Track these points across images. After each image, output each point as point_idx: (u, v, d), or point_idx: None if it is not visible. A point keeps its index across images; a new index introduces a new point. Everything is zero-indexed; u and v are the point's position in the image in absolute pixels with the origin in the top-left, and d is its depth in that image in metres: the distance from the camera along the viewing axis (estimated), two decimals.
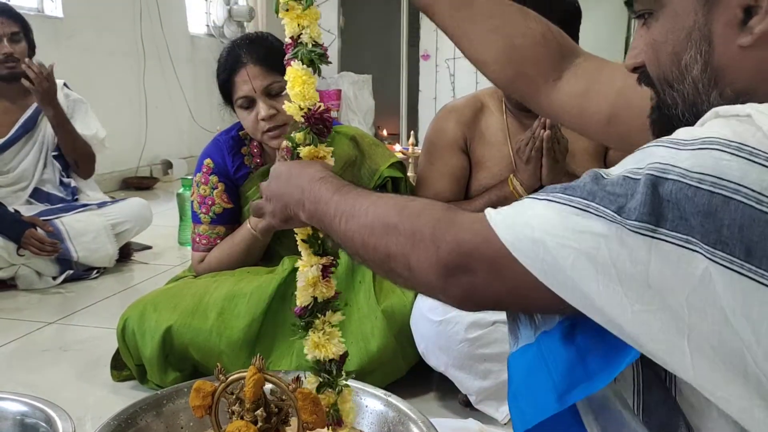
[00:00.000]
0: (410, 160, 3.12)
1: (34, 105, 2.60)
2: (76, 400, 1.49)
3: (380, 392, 1.12)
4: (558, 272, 0.53)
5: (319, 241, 0.93)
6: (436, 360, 1.40)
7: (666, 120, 0.66)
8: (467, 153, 1.72)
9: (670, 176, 0.50)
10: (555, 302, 0.55)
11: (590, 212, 0.53)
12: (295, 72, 0.93)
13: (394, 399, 1.09)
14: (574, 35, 1.59)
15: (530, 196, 0.59)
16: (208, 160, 1.70)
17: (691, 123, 0.61)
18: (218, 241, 1.67)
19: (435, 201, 0.67)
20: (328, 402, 0.97)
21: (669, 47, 0.63)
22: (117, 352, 1.56)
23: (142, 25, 4.84)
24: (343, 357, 0.99)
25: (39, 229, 2.30)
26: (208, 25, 6.00)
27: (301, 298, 0.95)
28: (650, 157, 0.53)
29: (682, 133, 0.54)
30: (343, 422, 0.97)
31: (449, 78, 7.18)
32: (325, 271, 0.95)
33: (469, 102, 1.75)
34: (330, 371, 0.97)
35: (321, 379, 0.97)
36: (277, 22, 0.98)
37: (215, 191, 1.67)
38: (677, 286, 0.49)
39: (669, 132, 0.62)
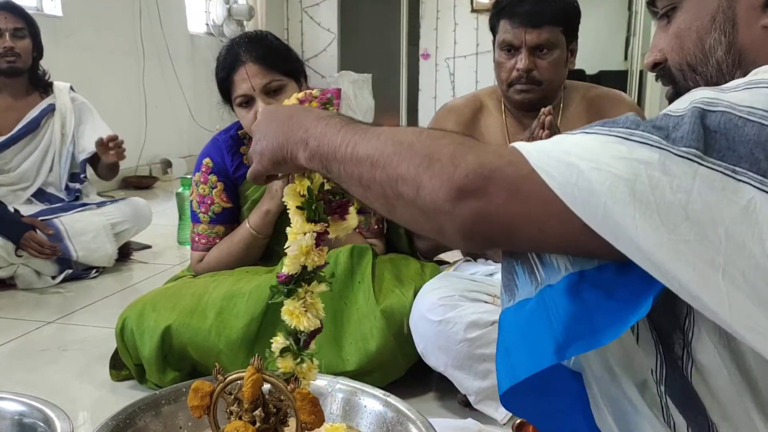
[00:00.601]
0: None
1: (39, 105, 2.61)
2: (75, 400, 1.49)
3: (379, 392, 1.11)
4: (590, 197, 0.51)
5: (314, 207, 0.88)
6: (435, 360, 1.39)
7: None
8: None
9: (718, 108, 0.50)
10: (576, 232, 0.52)
11: (634, 140, 0.51)
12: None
13: (392, 399, 1.09)
14: (573, 35, 1.59)
15: (563, 133, 0.57)
16: (207, 160, 1.70)
17: None
18: (217, 240, 1.66)
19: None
20: (285, 368, 0.92)
21: (693, 33, 0.65)
22: (116, 352, 1.56)
23: (141, 24, 4.84)
24: (315, 332, 0.93)
25: (39, 231, 2.30)
26: (207, 24, 5.99)
27: (290, 267, 0.91)
28: (692, 96, 0.52)
29: (722, 85, 0.54)
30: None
31: (449, 77, 7.17)
32: (319, 239, 0.90)
33: (468, 101, 1.74)
34: (297, 340, 0.92)
35: (287, 343, 0.92)
36: (277, 20, 0.97)
37: (214, 190, 1.67)
38: (718, 216, 0.48)
39: None
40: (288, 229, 0.89)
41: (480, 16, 6.82)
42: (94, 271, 2.47)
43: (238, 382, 0.89)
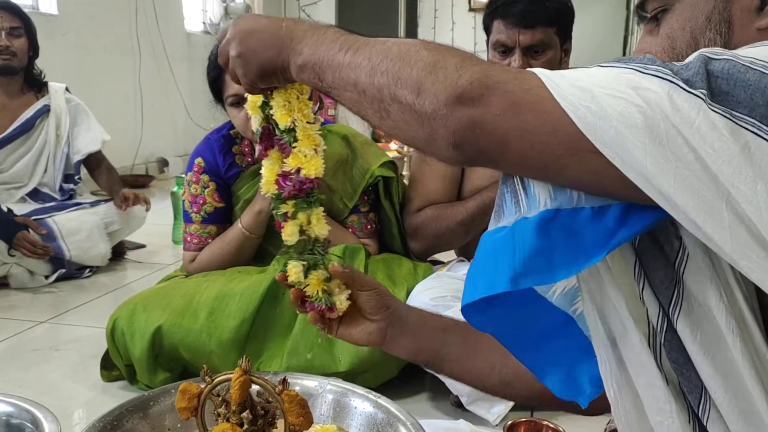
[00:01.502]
0: (405, 159, 3.12)
1: (34, 106, 2.60)
2: (66, 400, 1.49)
3: (369, 393, 1.11)
4: (602, 120, 0.51)
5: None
6: None
7: None
8: None
9: (722, 56, 0.51)
10: (573, 151, 0.53)
11: (647, 73, 0.52)
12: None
13: (383, 400, 1.08)
14: (567, 35, 1.59)
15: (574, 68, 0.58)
16: (199, 159, 1.69)
17: None
18: (209, 240, 1.66)
19: None
20: (317, 284, 0.87)
21: (687, 34, 0.66)
22: (107, 352, 1.55)
23: (137, 22, 4.82)
24: (328, 242, 0.90)
25: (31, 231, 2.29)
26: (204, 23, 5.98)
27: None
28: (699, 50, 0.54)
29: None
30: (335, 309, 0.88)
31: None
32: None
33: None
34: (315, 250, 0.88)
35: (305, 262, 0.87)
36: None
37: (206, 190, 1.66)
38: (717, 154, 0.49)
39: None
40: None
41: (477, 15, 6.81)
42: (87, 270, 2.47)
43: (226, 383, 0.89)
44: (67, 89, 2.71)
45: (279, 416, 0.90)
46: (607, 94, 0.51)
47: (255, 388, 0.89)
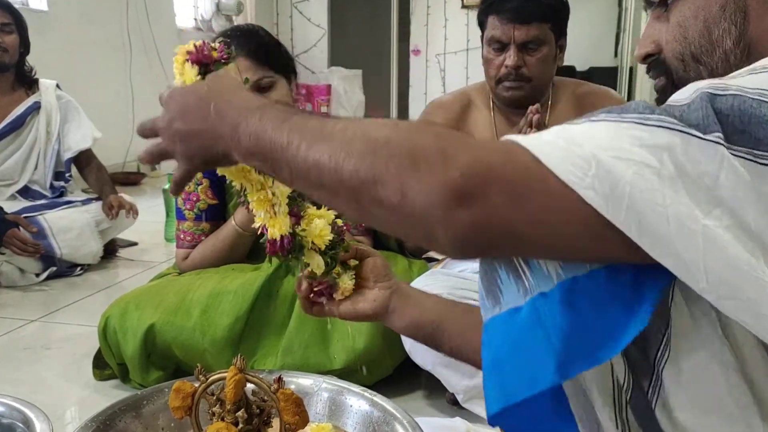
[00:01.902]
0: None
1: (24, 103, 2.58)
2: (58, 400, 1.47)
3: (365, 392, 1.10)
4: (613, 189, 0.45)
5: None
6: (422, 358, 1.38)
7: None
8: None
9: (728, 91, 0.48)
10: (593, 232, 0.47)
11: (650, 124, 0.47)
12: None
13: (379, 399, 1.08)
14: (562, 31, 1.58)
15: (564, 124, 0.51)
16: None
17: None
18: (203, 237, 1.64)
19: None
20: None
21: (700, 23, 0.63)
22: (99, 351, 1.54)
23: (128, 18, 4.79)
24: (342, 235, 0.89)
25: (22, 229, 2.27)
26: (196, 19, 5.95)
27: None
28: (696, 86, 0.50)
29: (723, 77, 0.53)
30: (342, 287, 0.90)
31: (440, 73, 7.16)
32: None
33: (456, 98, 1.73)
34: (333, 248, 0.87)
35: (328, 260, 0.87)
36: (266, 15, 0.94)
37: (200, 187, 1.64)
38: (747, 202, 0.45)
39: None
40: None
41: (470, 12, 6.81)
42: (78, 268, 2.45)
43: (221, 382, 0.87)
44: (57, 86, 2.69)
45: (274, 415, 0.89)
46: (613, 156, 0.46)
47: (250, 386, 0.88)
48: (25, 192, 2.61)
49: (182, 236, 1.66)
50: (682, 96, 0.50)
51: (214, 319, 1.43)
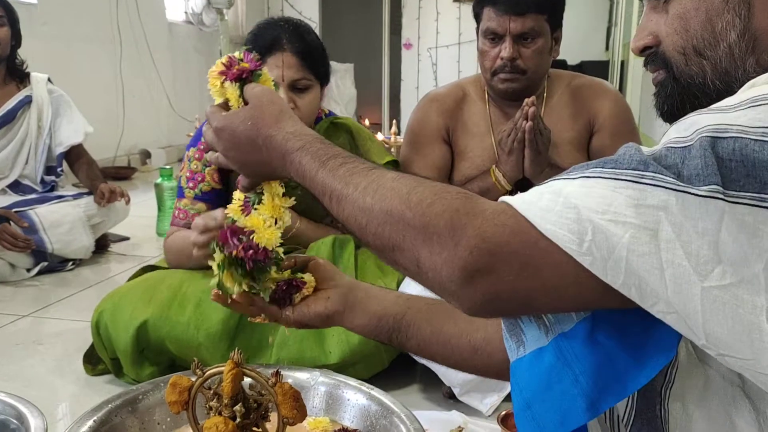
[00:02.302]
0: (392, 150, 3.10)
1: (15, 97, 2.55)
2: (51, 395, 1.46)
3: (363, 385, 1.09)
4: (610, 254, 0.47)
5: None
6: None
7: (687, 92, 0.63)
8: (449, 143, 1.69)
9: (729, 134, 0.46)
10: (597, 294, 0.49)
11: (645, 183, 0.47)
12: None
13: (376, 392, 1.07)
14: (558, 23, 1.58)
15: (557, 177, 0.52)
16: None
17: (720, 92, 0.60)
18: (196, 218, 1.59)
19: (446, 185, 0.58)
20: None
21: (702, 14, 0.61)
22: (90, 348, 1.53)
23: (118, 11, 4.75)
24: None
25: (12, 224, 2.25)
26: (186, 12, 5.90)
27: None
28: (696, 125, 0.48)
29: (721, 103, 0.51)
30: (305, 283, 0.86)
31: (432, 67, 7.15)
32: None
33: (451, 91, 1.72)
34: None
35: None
36: (257, 9, 0.92)
37: (207, 169, 1.60)
38: (753, 253, 0.44)
39: (688, 105, 0.61)
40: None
41: (462, 5, 6.79)
42: (70, 263, 2.43)
43: (218, 376, 0.87)
44: (49, 80, 2.66)
45: (272, 409, 0.88)
46: (609, 220, 0.47)
47: (247, 380, 0.88)
48: (16, 186, 2.58)
49: (177, 213, 1.61)
50: (680, 134, 0.49)
51: (209, 313, 1.42)
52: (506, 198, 0.53)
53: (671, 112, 0.65)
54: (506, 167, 1.55)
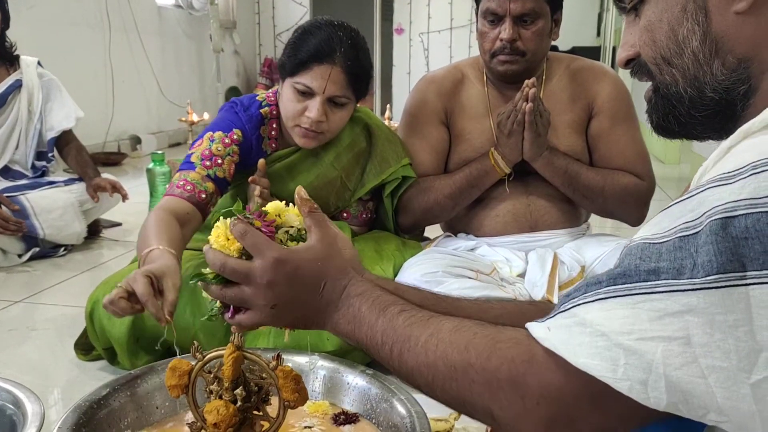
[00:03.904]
0: None
1: (5, 81, 2.51)
2: (45, 381, 1.45)
3: (363, 369, 1.09)
4: (647, 375, 0.46)
5: None
6: None
7: (666, 102, 0.65)
8: (447, 125, 1.68)
9: (738, 212, 0.45)
10: (651, 412, 0.49)
11: (661, 291, 0.47)
12: None
13: (376, 376, 1.07)
14: (558, 4, 1.56)
15: (572, 300, 0.53)
16: (238, 132, 1.57)
17: (693, 98, 0.62)
18: (203, 195, 1.49)
19: (501, 328, 0.60)
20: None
21: (665, 25, 0.63)
22: (81, 336, 1.51)
23: None
24: None
25: (3, 207, 2.22)
26: None
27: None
28: (703, 205, 0.47)
29: (720, 166, 0.50)
30: None
31: (423, 52, 7.11)
32: None
33: (449, 72, 1.71)
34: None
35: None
36: None
37: (228, 158, 1.54)
38: None
39: (670, 116, 0.63)
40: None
41: None
42: (62, 249, 2.41)
43: (218, 360, 0.86)
44: (39, 63, 2.62)
45: (273, 393, 0.87)
46: (637, 339, 0.47)
47: (246, 364, 0.87)
48: (6, 172, 2.55)
49: (181, 183, 1.48)
50: (687, 218, 0.48)
51: (205, 299, 1.40)
52: (536, 333, 0.55)
53: (659, 124, 0.67)
54: (505, 149, 1.54)
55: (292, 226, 0.79)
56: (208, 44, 5.85)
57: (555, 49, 1.78)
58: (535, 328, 0.55)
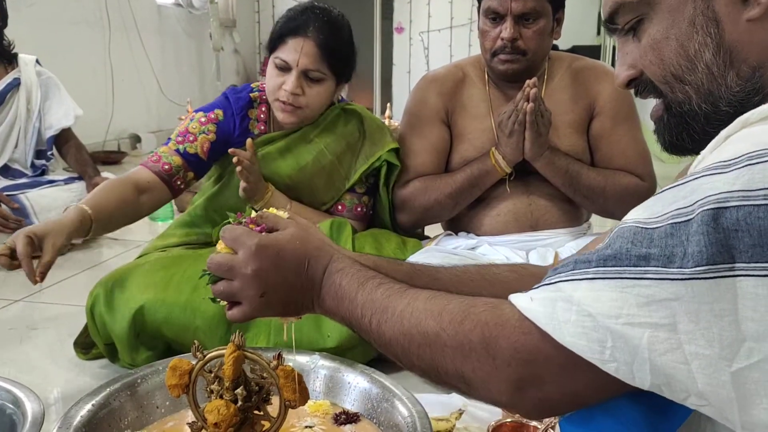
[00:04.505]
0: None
1: (4, 79, 2.51)
2: (45, 380, 1.44)
3: (364, 368, 1.09)
4: (633, 358, 0.47)
5: None
6: None
7: (680, 120, 0.64)
8: (448, 125, 1.68)
9: (731, 203, 0.45)
10: (630, 389, 0.50)
11: (650, 278, 0.47)
12: None
13: (378, 375, 1.07)
14: (560, 3, 1.56)
15: (559, 275, 0.53)
16: (219, 112, 1.63)
17: (708, 114, 0.60)
18: (166, 167, 1.55)
19: (475, 298, 0.60)
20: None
21: (672, 42, 0.61)
22: (80, 334, 1.51)
23: None
24: None
25: (3, 206, 2.22)
26: None
27: None
28: (696, 193, 0.47)
29: (717, 155, 0.50)
30: None
31: (423, 51, 7.10)
32: None
33: (450, 72, 1.70)
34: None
35: None
36: None
37: (203, 136, 1.59)
38: None
39: (684, 134, 0.62)
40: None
41: None
42: None
43: (219, 359, 0.85)
44: (37, 61, 2.62)
45: (274, 392, 0.87)
46: (624, 323, 0.47)
47: (247, 363, 0.86)
48: (5, 171, 2.55)
49: (153, 158, 1.57)
50: (680, 204, 0.48)
51: (206, 295, 1.40)
52: (518, 303, 0.55)
53: (672, 143, 0.66)
54: (506, 149, 1.53)
55: None
56: (207, 43, 5.85)
57: (555, 47, 1.78)
58: (518, 298, 0.56)
